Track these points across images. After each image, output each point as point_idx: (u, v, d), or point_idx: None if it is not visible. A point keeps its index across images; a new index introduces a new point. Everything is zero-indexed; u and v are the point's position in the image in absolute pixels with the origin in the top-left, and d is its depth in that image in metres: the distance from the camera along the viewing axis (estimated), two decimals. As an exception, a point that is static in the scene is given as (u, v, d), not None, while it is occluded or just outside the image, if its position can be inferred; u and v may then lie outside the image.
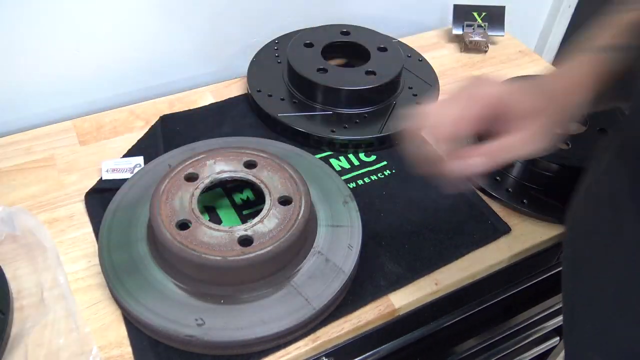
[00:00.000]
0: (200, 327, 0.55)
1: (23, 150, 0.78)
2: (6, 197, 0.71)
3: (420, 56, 0.96)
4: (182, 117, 0.85)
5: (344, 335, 0.60)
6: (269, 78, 0.88)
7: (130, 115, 0.85)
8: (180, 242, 0.56)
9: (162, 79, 0.94)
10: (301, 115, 0.82)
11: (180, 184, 0.62)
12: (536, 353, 0.97)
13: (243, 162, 0.66)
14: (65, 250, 0.66)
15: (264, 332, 0.55)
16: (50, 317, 0.59)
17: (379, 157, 0.80)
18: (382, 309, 0.62)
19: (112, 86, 0.90)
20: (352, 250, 0.62)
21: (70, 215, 0.70)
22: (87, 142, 0.80)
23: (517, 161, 0.75)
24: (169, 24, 0.89)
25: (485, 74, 0.47)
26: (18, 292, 0.61)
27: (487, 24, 1.03)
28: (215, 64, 0.98)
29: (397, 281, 0.64)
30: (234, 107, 0.87)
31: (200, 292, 0.58)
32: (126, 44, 0.87)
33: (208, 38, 0.94)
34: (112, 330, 0.59)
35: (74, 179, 0.74)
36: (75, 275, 0.63)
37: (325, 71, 0.84)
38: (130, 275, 0.59)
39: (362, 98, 0.83)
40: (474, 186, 0.76)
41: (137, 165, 0.74)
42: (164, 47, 0.91)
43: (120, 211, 0.66)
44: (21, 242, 0.65)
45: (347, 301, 0.62)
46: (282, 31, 0.97)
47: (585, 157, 0.72)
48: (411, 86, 0.89)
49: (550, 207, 0.73)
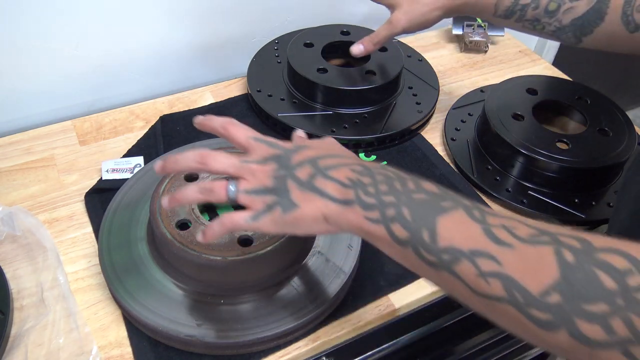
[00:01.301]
0: (200, 327, 0.55)
1: (23, 150, 0.78)
2: (6, 197, 0.71)
3: (420, 56, 0.96)
4: (182, 117, 0.85)
5: (344, 335, 0.60)
6: (269, 78, 0.88)
7: (130, 115, 0.85)
8: (180, 242, 0.56)
9: (162, 79, 0.94)
10: (301, 115, 0.82)
11: (180, 184, 0.62)
12: (536, 353, 0.97)
13: None
14: (65, 250, 0.66)
15: (264, 332, 0.55)
16: (50, 317, 0.59)
17: (379, 157, 0.80)
18: (382, 309, 0.62)
19: (112, 86, 0.90)
20: (352, 250, 0.62)
21: (70, 215, 0.70)
22: (87, 142, 0.80)
23: (517, 161, 0.75)
24: (169, 24, 0.89)
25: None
26: (18, 292, 0.61)
27: (487, 24, 1.03)
28: (215, 64, 0.98)
29: (397, 281, 0.64)
30: (234, 107, 0.87)
31: (200, 292, 0.58)
32: (126, 44, 0.87)
33: (208, 38, 0.94)
34: (112, 330, 0.59)
35: (74, 179, 0.74)
36: (75, 275, 0.63)
37: (325, 71, 0.84)
38: (130, 275, 0.59)
39: (362, 98, 0.83)
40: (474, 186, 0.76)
41: (137, 165, 0.74)
42: (164, 47, 0.91)
43: (120, 211, 0.66)
44: (21, 242, 0.65)
45: (347, 301, 0.62)
46: (282, 31, 0.97)
47: (585, 157, 0.73)
48: (411, 86, 0.89)
49: (550, 207, 0.73)
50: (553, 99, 0.83)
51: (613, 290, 0.31)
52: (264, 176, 0.45)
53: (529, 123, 0.77)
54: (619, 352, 0.31)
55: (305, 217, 0.43)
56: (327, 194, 0.43)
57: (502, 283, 0.34)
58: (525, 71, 0.99)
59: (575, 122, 0.83)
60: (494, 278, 0.35)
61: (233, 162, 0.47)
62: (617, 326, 0.31)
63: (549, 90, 0.84)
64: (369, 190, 0.42)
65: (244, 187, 0.45)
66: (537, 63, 1.02)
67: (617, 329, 0.31)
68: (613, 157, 0.73)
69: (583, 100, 0.82)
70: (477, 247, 0.36)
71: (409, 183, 0.42)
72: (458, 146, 0.81)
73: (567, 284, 0.32)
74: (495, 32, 1.04)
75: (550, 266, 0.33)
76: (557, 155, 0.72)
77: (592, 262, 0.33)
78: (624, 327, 0.30)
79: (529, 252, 0.34)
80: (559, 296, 0.32)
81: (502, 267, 0.35)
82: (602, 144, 0.75)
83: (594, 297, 0.31)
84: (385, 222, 0.40)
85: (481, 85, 0.93)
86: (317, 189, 0.43)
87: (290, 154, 0.46)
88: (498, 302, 0.35)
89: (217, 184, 0.46)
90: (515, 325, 0.35)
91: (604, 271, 0.32)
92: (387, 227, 0.40)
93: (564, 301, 0.32)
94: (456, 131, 0.84)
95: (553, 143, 0.74)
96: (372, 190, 0.42)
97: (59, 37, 0.81)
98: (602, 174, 0.74)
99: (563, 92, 0.84)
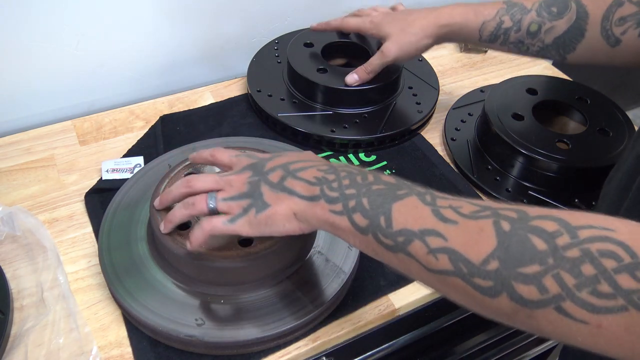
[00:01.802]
0: (200, 327, 0.55)
1: (23, 150, 0.78)
2: (6, 197, 0.71)
3: (420, 56, 0.96)
4: (182, 117, 0.85)
5: (344, 335, 0.60)
6: (269, 78, 0.88)
7: (130, 115, 0.85)
8: (181, 242, 0.56)
9: (162, 79, 0.94)
10: (301, 115, 0.82)
11: (180, 184, 0.62)
12: (536, 353, 0.97)
13: None
14: (65, 250, 0.66)
15: (264, 332, 0.55)
16: (50, 317, 0.59)
17: (379, 157, 0.80)
18: (382, 309, 0.62)
19: (112, 86, 0.90)
20: (352, 250, 0.62)
21: (70, 215, 0.70)
22: (87, 142, 0.80)
23: (517, 161, 0.75)
24: (169, 24, 0.89)
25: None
26: (18, 292, 0.61)
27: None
28: (215, 64, 0.98)
29: (397, 281, 0.64)
30: (234, 107, 0.87)
31: (200, 292, 0.58)
32: (126, 44, 0.87)
33: (208, 38, 0.94)
34: (112, 330, 0.59)
35: (74, 179, 0.74)
36: (75, 275, 0.63)
37: (325, 71, 0.84)
38: (130, 275, 0.59)
39: (362, 98, 0.83)
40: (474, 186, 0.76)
41: (137, 165, 0.74)
42: (164, 47, 0.91)
43: (120, 211, 0.66)
44: (21, 242, 0.66)
45: (347, 301, 0.62)
46: (282, 31, 0.97)
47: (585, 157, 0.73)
48: (411, 86, 0.89)
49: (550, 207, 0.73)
50: (553, 99, 0.83)
51: (544, 251, 0.33)
52: (240, 184, 0.50)
53: (529, 123, 0.77)
54: (552, 308, 0.32)
55: (277, 216, 0.47)
56: (296, 192, 0.47)
57: (448, 257, 0.37)
58: (525, 71, 0.99)
59: (575, 122, 0.83)
60: (442, 253, 0.37)
61: (214, 178, 0.51)
62: (549, 284, 0.32)
63: (549, 90, 0.84)
64: (333, 186, 0.45)
65: (222, 196, 0.50)
66: (537, 63, 1.02)
67: (549, 287, 0.32)
68: (613, 157, 0.73)
69: (583, 100, 0.82)
70: (426, 227, 0.38)
71: (369, 176, 0.45)
72: (458, 146, 0.81)
73: (503, 251, 0.34)
74: (495, 32, 1.03)
75: (489, 236, 0.35)
76: (557, 155, 0.72)
77: (526, 228, 0.35)
78: (555, 284, 0.32)
79: (471, 225, 0.37)
80: (497, 263, 0.34)
81: (447, 242, 0.37)
82: (602, 144, 0.75)
83: (527, 259, 0.33)
84: (348, 212, 0.43)
85: (481, 85, 0.93)
86: (287, 189, 0.47)
87: (265, 162, 0.51)
88: (447, 276, 0.37)
89: (198, 197, 0.51)
90: (465, 297, 0.37)
91: (537, 235, 0.34)
92: (349, 217, 0.43)
93: (502, 267, 0.34)
94: (456, 131, 0.84)
95: (553, 143, 0.74)
96: (336, 185, 0.45)
97: (59, 37, 0.81)
98: (602, 174, 0.74)
99: (563, 92, 0.84)
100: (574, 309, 0.31)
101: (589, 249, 0.32)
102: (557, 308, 0.32)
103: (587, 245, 0.32)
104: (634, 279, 0.30)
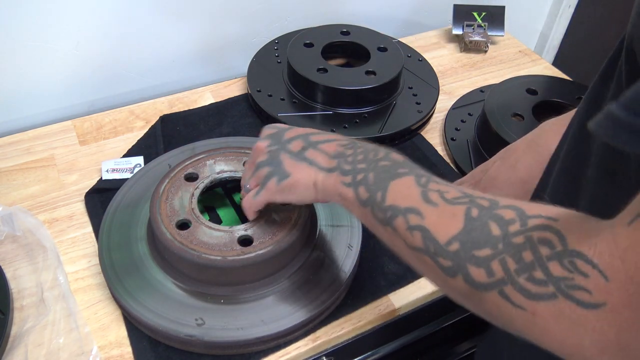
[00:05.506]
0: (200, 327, 0.55)
1: (23, 150, 0.78)
2: (6, 197, 0.71)
3: (420, 56, 0.96)
4: (182, 117, 0.85)
5: (344, 335, 0.60)
6: (269, 78, 0.88)
7: (130, 115, 0.85)
8: (180, 242, 0.56)
9: (162, 79, 0.94)
10: (301, 115, 0.82)
11: (180, 184, 0.62)
12: (536, 353, 0.97)
13: (243, 162, 0.65)
14: (65, 250, 0.66)
15: (264, 332, 0.55)
16: (50, 317, 0.59)
17: (379, 157, 0.80)
18: (382, 309, 0.62)
19: (112, 86, 0.90)
20: (352, 250, 0.62)
21: (70, 215, 0.70)
22: (87, 142, 0.80)
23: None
24: (169, 24, 0.89)
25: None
26: (18, 292, 0.61)
27: (487, 24, 1.03)
28: (215, 64, 0.98)
29: (397, 281, 0.64)
30: (234, 107, 0.87)
31: (200, 292, 0.58)
32: (126, 44, 0.87)
33: (208, 38, 0.94)
34: (112, 330, 0.59)
35: (74, 179, 0.74)
36: (75, 275, 0.63)
37: (325, 71, 0.84)
38: (130, 275, 0.59)
39: (362, 98, 0.83)
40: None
41: (137, 165, 0.74)
42: (164, 47, 0.91)
43: (120, 211, 0.66)
44: (21, 242, 0.65)
45: (347, 301, 0.62)
46: (282, 31, 0.97)
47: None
48: (411, 86, 0.89)
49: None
50: (553, 99, 0.83)
51: (497, 236, 0.34)
52: (260, 153, 0.54)
53: (529, 123, 0.77)
54: (496, 292, 0.33)
55: (298, 184, 0.50)
56: (316, 163, 0.50)
57: (422, 234, 0.39)
58: (525, 71, 0.99)
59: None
60: (417, 230, 0.39)
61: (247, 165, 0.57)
62: (496, 268, 0.33)
63: (549, 90, 0.84)
64: (349, 160, 0.48)
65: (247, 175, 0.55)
66: (537, 63, 1.02)
67: (496, 271, 0.33)
68: (613, 157, 0.73)
69: (583, 100, 0.82)
70: (411, 205, 0.40)
71: (379, 153, 0.47)
72: (458, 146, 0.81)
73: (466, 234, 0.36)
74: (495, 32, 1.04)
75: (458, 220, 0.37)
76: (557, 155, 0.72)
77: (489, 215, 0.36)
78: (500, 268, 0.33)
79: (447, 209, 0.39)
80: (458, 244, 0.36)
81: (423, 221, 0.39)
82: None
83: (482, 243, 0.35)
84: (355, 185, 0.46)
85: (481, 85, 0.93)
86: (308, 159, 0.50)
87: (283, 132, 0.54)
88: (420, 253, 0.39)
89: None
90: (433, 275, 0.39)
91: (495, 221, 0.35)
92: (355, 190, 0.45)
93: (461, 249, 0.36)
94: (456, 131, 0.84)
95: (553, 143, 0.74)
96: (351, 159, 0.48)
97: (59, 37, 0.81)
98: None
99: (563, 92, 0.84)
100: (513, 293, 0.32)
101: (531, 236, 0.33)
102: (500, 292, 0.33)
103: (530, 233, 0.33)
104: (562, 267, 0.31)
